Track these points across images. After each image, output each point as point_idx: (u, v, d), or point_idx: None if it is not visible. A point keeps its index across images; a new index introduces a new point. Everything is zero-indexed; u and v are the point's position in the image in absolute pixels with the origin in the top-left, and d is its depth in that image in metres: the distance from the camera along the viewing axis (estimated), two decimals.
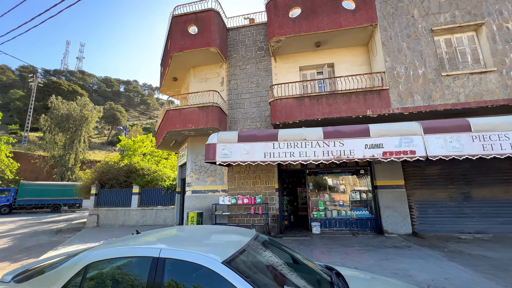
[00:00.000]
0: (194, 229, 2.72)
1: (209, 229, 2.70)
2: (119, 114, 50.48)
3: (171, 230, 2.74)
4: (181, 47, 9.10)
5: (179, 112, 8.52)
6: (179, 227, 2.92)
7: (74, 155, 27.33)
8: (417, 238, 7.03)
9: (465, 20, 7.24)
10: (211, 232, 2.53)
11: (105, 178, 12.16)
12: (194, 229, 2.76)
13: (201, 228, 2.76)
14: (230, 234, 2.46)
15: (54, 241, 8.65)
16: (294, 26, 8.34)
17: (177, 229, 2.81)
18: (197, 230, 2.62)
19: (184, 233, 2.58)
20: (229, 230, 2.65)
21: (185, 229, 2.84)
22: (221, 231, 2.60)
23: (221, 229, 2.69)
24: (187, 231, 2.64)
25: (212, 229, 2.71)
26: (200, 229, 2.67)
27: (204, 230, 2.66)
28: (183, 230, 2.79)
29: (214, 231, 2.58)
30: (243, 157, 6.43)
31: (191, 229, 2.78)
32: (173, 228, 2.90)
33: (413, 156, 5.58)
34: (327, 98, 7.53)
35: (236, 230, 2.68)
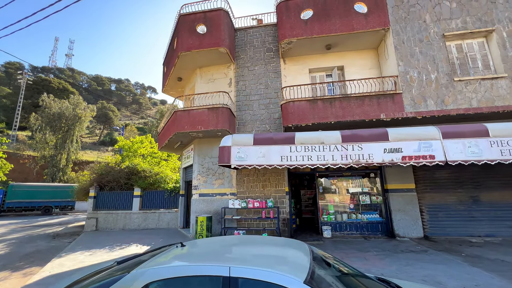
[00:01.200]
0: (241, 241, 2.55)
1: (256, 240, 2.55)
2: (112, 114, 49.34)
3: (214, 241, 2.57)
4: (189, 47, 8.88)
5: (188, 113, 8.29)
6: (219, 238, 2.75)
7: (66, 155, 26.41)
8: (429, 242, 7.05)
9: (476, 26, 7.35)
10: (263, 244, 2.38)
11: (104, 180, 11.73)
12: (242, 240, 2.59)
13: (247, 239, 2.60)
14: (285, 247, 2.32)
15: (53, 247, 8.24)
16: (306, 28, 8.27)
17: (220, 240, 2.64)
18: (246, 242, 2.45)
19: (235, 246, 2.41)
20: (280, 242, 2.49)
21: (227, 240, 2.67)
22: (272, 243, 2.45)
23: (270, 240, 2.53)
24: (234, 243, 2.48)
25: (260, 240, 2.56)
26: (248, 241, 2.51)
27: (252, 241, 2.51)
28: (226, 241, 2.61)
29: (265, 242, 2.43)
30: (259, 160, 6.28)
31: (236, 240, 2.61)
32: (214, 239, 2.73)
33: (433, 161, 5.57)
34: (340, 101, 7.48)
35: (286, 241, 2.54)
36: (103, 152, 40.79)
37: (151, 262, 2.03)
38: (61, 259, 6.26)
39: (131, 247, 7.39)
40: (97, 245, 7.81)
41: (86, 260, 6.07)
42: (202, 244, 2.46)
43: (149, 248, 7.20)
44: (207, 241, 2.60)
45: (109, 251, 6.93)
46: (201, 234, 7.58)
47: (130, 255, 2.80)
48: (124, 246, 7.53)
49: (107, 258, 6.23)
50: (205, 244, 2.47)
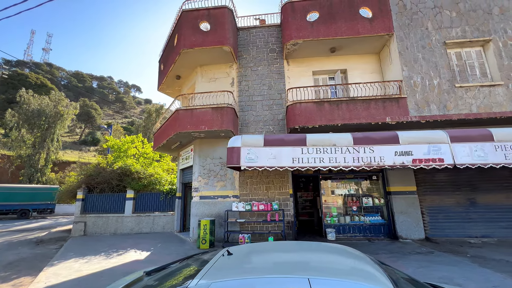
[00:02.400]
0: (289, 248, 2.38)
1: (303, 246, 2.39)
2: (94, 112, 47.16)
3: (259, 248, 2.38)
4: (192, 44, 8.60)
5: (191, 112, 7.99)
6: (262, 245, 2.57)
7: (45, 155, 24.74)
8: (431, 243, 7.22)
9: (474, 36, 7.69)
10: (313, 251, 2.23)
11: (94, 182, 11.05)
12: (289, 247, 2.42)
13: (291, 245, 2.44)
14: (341, 254, 2.18)
15: (40, 254, 7.58)
16: (312, 30, 8.27)
17: (266, 248, 2.45)
18: (294, 249, 2.29)
19: (287, 253, 2.24)
20: (341, 249, 2.32)
21: (274, 247, 2.49)
22: (321, 249, 2.30)
23: (317, 246, 2.37)
24: (284, 250, 2.30)
25: (306, 246, 2.40)
26: (295, 248, 2.34)
27: (300, 248, 2.35)
28: (274, 248, 2.43)
29: (314, 249, 2.28)
30: (270, 162, 6.13)
31: (283, 247, 2.44)
32: (255, 246, 2.54)
33: (442, 164, 5.69)
34: (347, 103, 7.52)
35: (345, 249, 2.39)
36: (84, 152, 38.82)
37: (207, 274, 1.81)
38: (54, 268, 5.73)
39: (129, 253, 6.94)
40: (91, 251, 7.27)
41: (83, 268, 5.60)
42: (250, 252, 2.26)
43: (149, 254, 6.81)
44: (252, 249, 2.40)
45: (106, 258, 6.46)
46: (204, 238, 7.28)
47: (158, 267, 2.55)
48: (121, 252, 7.06)
49: (106, 265, 5.78)
50: (252, 251, 2.28)
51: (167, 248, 7.49)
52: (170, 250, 7.14)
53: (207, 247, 7.23)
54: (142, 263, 5.99)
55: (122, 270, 5.42)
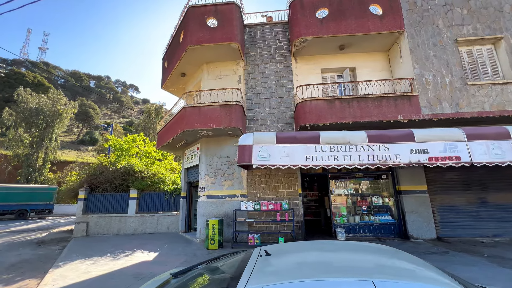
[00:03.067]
0: (330, 248, 2.23)
1: (347, 246, 2.25)
2: (92, 112, 46.68)
3: (299, 247, 2.24)
4: (199, 40, 8.43)
5: (199, 110, 7.82)
6: (301, 244, 2.42)
7: (43, 154, 24.33)
8: (444, 243, 7.12)
9: (485, 33, 7.62)
10: (359, 251, 2.08)
11: (96, 181, 10.82)
12: (329, 247, 2.27)
13: (332, 245, 2.30)
14: (398, 254, 2.03)
15: (43, 256, 7.36)
16: (321, 27, 8.15)
17: (306, 247, 2.30)
18: (337, 248, 2.14)
19: (331, 253, 2.09)
20: (388, 249, 2.16)
21: (314, 247, 2.35)
22: (380, 250, 2.12)
23: (375, 247, 2.20)
24: (327, 250, 2.16)
25: (351, 246, 2.26)
26: (337, 247, 2.19)
27: (343, 247, 2.21)
28: (315, 248, 2.29)
29: (359, 249, 2.13)
30: (283, 160, 5.98)
31: (323, 247, 2.29)
32: (294, 245, 2.39)
33: (459, 162, 5.59)
34: (358, 101, 7.40)
35: (390, 249, 2.25)
36: (82, 152, 38.38)
37: (253, 278, 1.65)
38: (60, 269, 5.52)
39: (136, 254, 6.75)
40: (96, 252, 7.07)
41: (91, 270, 5.40)
42: (291, 252, 2.11)
43: (157, 255, 6.62)
44: (291, 249, 2.25)
45: (113, 259, 6.26)
46: (212, 238, 7.11)
47: (184, 269, 2.39)
48: (128, 253, 6.87)
49: (114, 267, 5.59)
50: (293, 252, 2.13)
51: (174, 248, 7.31)
52: (178, 251, 6.96)
53: (216, 248, 7.07)
54: (151, 264, 5.80)
55: (131, 271, 5.24)
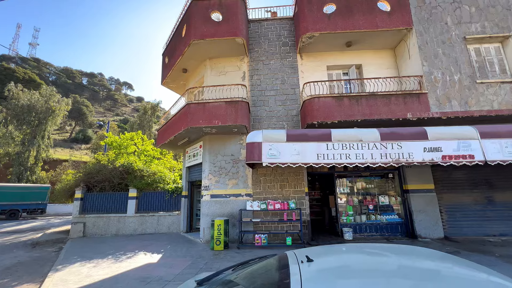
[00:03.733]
0: (399, 252, 2.01)
1: (393, 249, 2.06)
2: (86, 109, 45.67)
3: (340, 250, 2.05)
4: (203, 35, 8.17)
5: (203, 106, 7.57)
6: (342, 247, 2.23)
7: (35, 152, 23.58)
8: (452, 242, 7.06)
9: (493, 32, 7.58)
10: (427, 257, 1.89)
11: (93, 180, 10.45)
12: (395, 250, 2.06)
13: (370, 247, 2.11)
14: (438, 258, 1.86)
15: (39, 258, 7.02)
16: (329, 23, 7.99)
17: (347, 250, 2.11)
18: (408, 253, 1.95)
19: (376, 256, 1.90)
20: (437, 253, 1.98)
21: (354, 249, 2.16)
22: (440, 256, 1.92)
23: (433, 253, 2.00)
24: (369, 252, 1.97)
25: (397, 249, 2.07)
26: (410, 252, 1.99)
27: (387, 250, 2.03)
28: (355, 250, 2.10)
29: (406, 252, 1.96)
30: (293, 158, 5.80)
31: (364, 250, 2.11)
32: (334, 248, 2.20)
33: (472, 161, 5.51)
34: (367, 99, 7.27)
35: (424, 251, 2.08)
36: (76, 150, 37.51)
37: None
38: (60, 273, 5.22)
39: (139, 256, 6.47)
40: (96, 254, 6.76)
41: (93, 273, 5.12)
42: (336, 257, 1.92)
43: (161, 256, 6.36)
44: (333, 252, 2.06)
45: (115, 261, 5.98)
46: (218, 239, 6.89)
47: (209, 275, 2.18)
48: (130, 255, 6.59)
49: (118, 270, 5.32)
50: (337, 257, 1.94)
51: (177, 250, 7.06)
52: (183, 252, 6.71)
53: (222, 249, 6.85)
54: (156, 267, 5.55)
55: (136, 274, 4.98)
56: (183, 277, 4.71)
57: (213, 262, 5.65)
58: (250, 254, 6.28)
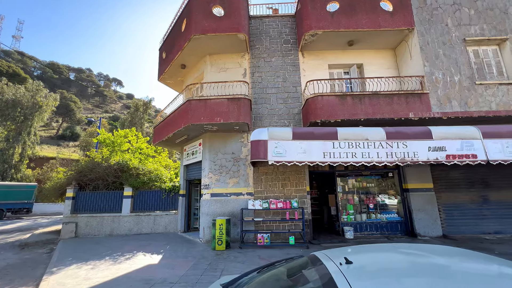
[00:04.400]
0: (435, 251, 1.94)
1: (452, 252, 1.98)
2: (74, 105, 44.16)
3: (378, 249, 1.97)
4: (204, 29, 7.97)
5: (205, 103, 7.38)
6: (380, 247, 2.14)
7: (20, 149, 22.55)
8: (450, 240, 7.18)
9: (492, 34, 7.74)
10: (445, 255, 1.84)
11: (86, 179, 10.05)
12: (435, 251, 1.98)
13: (439, 249, 2.02)
14: (482, 259, 1.80)
15: (29, 260, 6.67)
16: (332, 21, 7.95)
17: (387, 250, 2.03)
18: (444, 253, 1.88)
19: (418, 258, 1.82)
20: (490, 258, 1.93)
21: (393, 249, 2.08)
22: (487, 259, 1.87)
23: (477, 255, 1.95)
24: (409, 253, 1.89)
25: (454, 252, 2.00)
26: (442, 252, 1.92)
27: (426, 250, 1.96)
28: (394, 250, 2.02)
29: (446, 253, 1.89)
30: (300, 156, 5.72)
31: (403, 250, 2.03)
32: (369, 247, 2.11)
33: (475, 160, 5.59)
34: (369, 98, 7.28)
35: (460, 251, 2.02)
36: (63, 148, 36.25)
37: None
38: (56, 276, 4.94)
39: (138, 257, 6.24)
40: (92, 255, 6.47)
41: (92, 276, 4.88)
42: (376, 259, 1.83)
43: (161, 257, 6.15)
44: (371, 253, 1.97)
45: (114, 263, 5.73)
46: (220, 239, 6.74)
47: (234, 278, 2.06)
48: (128, 256, 6.34)
49: (118, 272, 5.09)
50: (376, 258, 1.85)
51: (177, 250, 6.86)
52: (183, 253, 6.53)
53: (224, 249, 6.70)
54: (158, 268, 5.35)
55: (138, 276, 4.77)
56: (188, 279, 4.55)
57: (217, 263, 5.50)
58: (253, 254, 6.17)
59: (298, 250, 6.46)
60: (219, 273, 4.82)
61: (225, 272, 4.86)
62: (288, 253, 6.19)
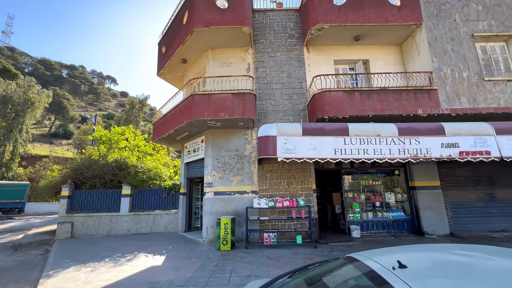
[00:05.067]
0: (499, 253, 1.76)
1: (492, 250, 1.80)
2: (67, 102, 43.15)
3: (429, 248, 1.77)
4: (208, 22, 7.69)
5: (209, 98, 7.11)
6: (442, 246, 1.95)
7: (11, 147, 21.81)
8: (458, 238, 7.10)
9: (500, 30, 7.65)
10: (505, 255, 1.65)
11: (82, 177, 9.67)
12: (499, 253, 1.80)
13: (497, 251, 1.83)
14: None
15: (24, 262, 6.32)
16: (339, 15, 7.75)
17: (464, 250, 1.82)
18: (503, 254, 1.70)
19: (479, 259, 1.63)
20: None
21: (447, 249, 1.88)
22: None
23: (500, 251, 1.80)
24: (467, 254, 1.70)
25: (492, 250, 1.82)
26: (501, 253, 1.74)
27: (482, 250, 1.77)
28: (447, 251, 1.82)
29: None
30: (310, 153, 5.51)
31: (457, 251, 1.83)
32: (446, 247, 1.91)
33: (489, 157, 5.47)
34: (378, 94, 7.11)
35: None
36: (56, 146, 35.40)
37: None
38: (53, 279, 4.64)
39: (140, 258, 5.96)
40: (91, 257, 6.16)
41: (93, 279, 4.59)
42: (432, 263, 1.62)
43: (165, 258, 5.88)
44: (425, 256, 1.77)
45: (115, 265, 5.44)
46: (225, 238, 6.50)
47: (266, 283, 1.83)
48: (129, 257, 6.05)
49: (120, 275, 4.81)
50: (432, 261, 1.65)
51: (181, 250, 6.60)
52: (187, 253, 6.27)
53: (229, 249, 6.47)
54: (162, 270, 5.09)
55: (143, 279, 4.51)
56: (197, 281, 4.30)
57: (225, 264, 5.26)
58: (261, 254, 5.96)
59: (306, 250, 6.27)
60: (228, 275, 4.59)
61: (234, 274, 4.64)
62: (296, 253, 5.99)
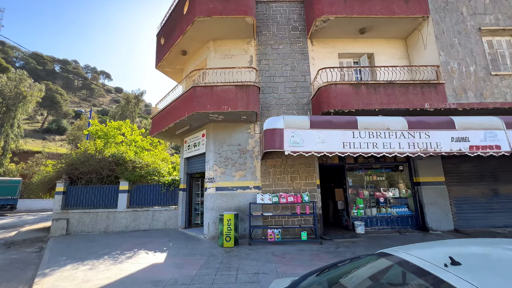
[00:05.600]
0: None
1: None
2: (60, 97, 42.18)
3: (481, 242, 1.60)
4: (209, 11, 7.41)
5: (211, 90, 6.87)
6: (482, 241, 1.79)
7: (2, 143, 21.16)
8: (463, 234, 7.05)
9: (507, 24, 7.56)
10: None
11: (78, 172, 9.35)
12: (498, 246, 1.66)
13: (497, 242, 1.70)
14: None
15: (17, 260, 6.05)
16: (345, 6, 7.56)
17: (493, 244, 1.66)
18: None
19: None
20: None
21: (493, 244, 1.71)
22: None
23: None
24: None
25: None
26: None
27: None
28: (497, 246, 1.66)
29: None
30: (318, 146, 5.34)
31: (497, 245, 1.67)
32: (472, 241, 1.75)
33: (499, 151, 5.38)
34: (385, 87, 6.96)
35: None
36: (49, 141, 34.62)
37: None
38: (49, 278, 4.39)
39: (140, 255, 5.73)
40: (88, 254, 5.91)
41: (92, 278, 4.36)
42: (489, 260, 1.45)
43: (166, 255, 5.67)
44: (477, 252, 1.60)
45: (114, 262, 5.21)
46: (228, 235, 6.31)
47: (291, 284, 1.64)
48: (129, 254, 5.83)
49: (121, 273, 4.59)
50: (487, 259, 1.48)
51: (182, 247, 6.39)
52: (189, 250, 6.06)
53: (232, 245, 6.29)
54: (165, 267, 4.88)
55: (145, 278, 4.29)
56: (202, 279, 4.11)
57: (230, 261, 5.08)
58: (266, 251, 5.79)
59: (311, 246, 6.12)
60: (235, 272, 4.41)
61: (240, 271, 4.46)
62: (302, 249, 5.84)
